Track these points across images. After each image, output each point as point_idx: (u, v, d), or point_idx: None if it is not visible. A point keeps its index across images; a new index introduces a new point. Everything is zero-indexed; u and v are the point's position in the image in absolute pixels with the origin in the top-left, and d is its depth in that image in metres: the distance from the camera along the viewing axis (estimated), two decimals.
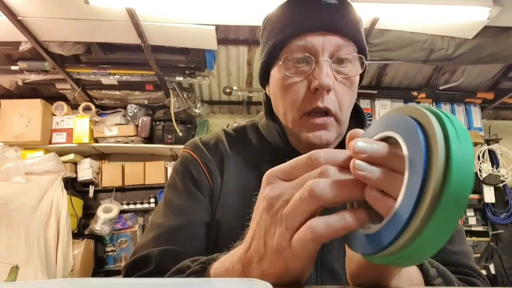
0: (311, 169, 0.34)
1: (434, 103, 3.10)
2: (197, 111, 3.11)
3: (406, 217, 0.28)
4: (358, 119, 0.74)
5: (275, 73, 0.68)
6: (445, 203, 0.26)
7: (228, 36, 2.47)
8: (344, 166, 0.33)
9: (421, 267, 0.48)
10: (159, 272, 0.58)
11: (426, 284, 0.47)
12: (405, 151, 0.30)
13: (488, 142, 3.23)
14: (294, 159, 0.36)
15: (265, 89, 0.76)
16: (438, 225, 0.27)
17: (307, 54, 0.63)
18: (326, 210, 0.33)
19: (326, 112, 0.63)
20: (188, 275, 0.48)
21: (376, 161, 0.31)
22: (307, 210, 0.32)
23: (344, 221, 0.31)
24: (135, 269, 0.61)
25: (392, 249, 0.29)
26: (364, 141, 0.32)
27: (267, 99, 0.75)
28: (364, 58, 0.67)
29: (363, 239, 0.33)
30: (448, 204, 0.26)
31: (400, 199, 0.29)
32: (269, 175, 0.37)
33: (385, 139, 0.34)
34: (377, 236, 0.31)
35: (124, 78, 2.66)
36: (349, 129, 0.71)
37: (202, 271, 0.47)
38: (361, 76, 0.70)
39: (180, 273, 0.52)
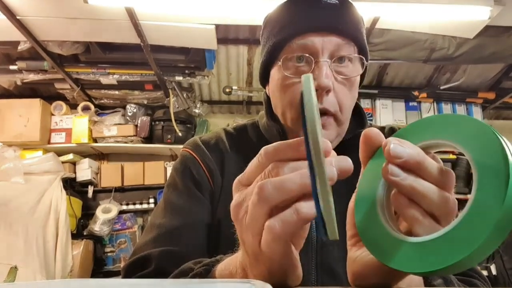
0: (264, 167, 0.34)
1: (435, 103, 3.09)
2: (196, 111, 3.11)
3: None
4: (359, 118, 0.74)
5: (275, 73, 0.67)
6: (498, 230, 0.27)
7: (228, 35, 2.46)
8: (292, 157, 0.33)
9: None
10: (159, 273, 0.57)
11: (426, 285, 0.46)
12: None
13: None
14: (251, 161, 0.35)
15: (265, 88, 0.76)
16: (484, 249, 0.27)
17: (307, 55, 0.62)
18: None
19: (325, 112, 0.63)
20: (192, 278, 0.47)
21: (410, 167, 0.31)
22: (262, 213, 0.32)
23: (298, 214, 0.30)
24: (134, 269, 0.61)
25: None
26: (400, 145, 0.31)
27: (268, 98, 0.75)
28: (364, 59, 0.66)
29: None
30: (501, 231, 0.27)
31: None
32: (235, 182, 0.37)
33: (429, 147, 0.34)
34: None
35: (123, 77, 2.65)
36: (349, 128, 0.71)
37: (206, 273, 0.46)
38: (362, 76, 0.70)
39: (183, 275, 0.51)
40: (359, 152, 0.37)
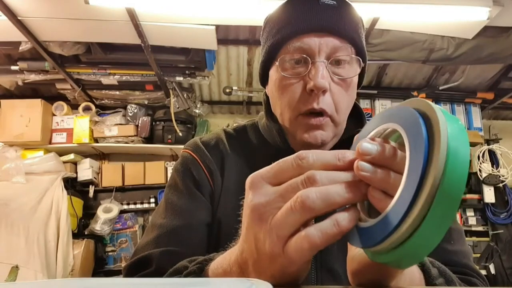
0: (298, 172, 0.33)
1: (434, 103, 3.09)
2: (197, 111, 3.11)
3: (403, 211, 0.28)
4: (357, 119, 0.74)
5: (273, 73, 0.68)
6: (441, 198, 0.26)
7: (228, 36, 2.47)
8: (332, 167, 0.33)
9: (423, 267, 0.48)
10: (159, 273, 0.57)
11: (427, 284, 0.46)
12: (406, 143, 0.30)
13: (488, 142, 3.23)
14: (281, 160, 0.35)
15: (265, 88, 0.76)
16: (434, 221, 0.27)
17: (304, 55, 0.63)
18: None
19: (321, 113, 0.63)
20: (186, 276, 0.48)
21: (380, 162, 0.32)
22: (299, 221, 0.32)
23: (338, 226, 0.31)
24: (135, 270, 0.61)
25: (387, 244, 0.29)
26: (369, 143, 0.32)
27: (267, 99, 0.75)
28: (361, 60, 0.66)
29: (360, 232, 0.33)
30: (444, 199, 0.27)
31: (398, 192, 0.29)
32: (254, 178, 0.35)
33: (389, 135, 0.34)
34: (373, 230, 0.31)
35: (124, 78, 2.66)
36: (347, 129, 0.71)
37: (200, 271, 0.46)
38: (361, 77, 0.70)
39: (178, 273, 0.51)
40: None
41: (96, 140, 2.99)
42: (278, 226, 0.33)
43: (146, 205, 3.02)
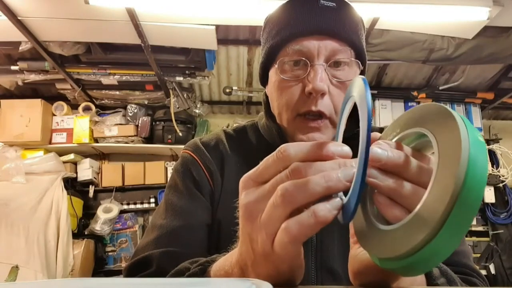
0: (282, 166, 0.33)
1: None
2: (197, 111, 3.11)
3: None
4: (357, 119, 0.74)
5: (272, 75, 0.68)
6: (460, 207, 0.26)
7: (228, 36, 2.47)
8: (314, 158, 0.33)
9: None
10: (160, 274, 0.58)
11: (428, 284, 0.46)
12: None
13: (488, 142, 3.22)
14: (265, 158, 0.35)
15: (265, 88, 0.76)
16: (451, 230, 0.27)
17: (303, 58, 0.62)
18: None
19: (320, 115, 0.63)
20: (187, 277, 0.48)
21: (390, 169, 0.31)
22: (283, 215, 0.32)
23: (315, 217, 0.30)
24: (136, 270, 0.61)
25: (402, 253, 0.29)
26: (381, 148, 0.32)
27: (267, 99, 0.75)
28: (360, 63, 0.66)
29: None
30: (463, 208, 0.26)
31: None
32: (244, 179, 0.36)
33: (404, 138, 0.34)
34: (347, 206, 0.31)
35: (124, 78, 2.65)
36: (346, 130, 0.71)
37: (201, 273, 0.47)
38: None
39: (179, 274, 0.51)
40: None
41: (96, 140, 2.99)
42: (265, 223, 0.33)
43: (146, 205, 3.02)
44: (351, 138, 0.70)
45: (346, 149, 0.33)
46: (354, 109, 0.71)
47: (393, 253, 0.29)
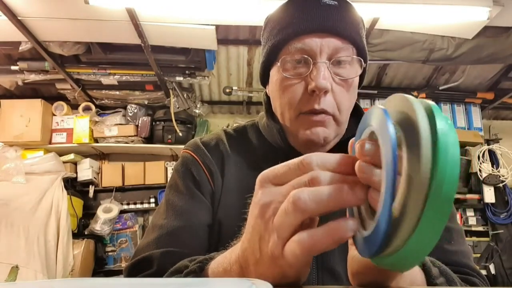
0: (303, 173, 0.33)
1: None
2: (197, 111, 3.11)
3: (390, 219, 0.27)
4: (358, 119, 0.74)
5: (274, 74, 0.68)
6: (433, 200, 0.25)
7: (228, 36, 2.46)
8: (337, 170, 0.33)
9: (424, 267, 0.48)
10: (160, 274, 0.57)
11: (428, 284, 0.46)
12: (381, 147, 0.29)
13: (488, 142, 3.22)
14: (287, 162, 0.35)
15: (266, 88, 0.76)
16: (429, 223, 0.26)
17: (305, 56, 0.62)
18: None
19: (323, 113, 0.63)
20: (186, 275, 0.48)
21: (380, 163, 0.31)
22: (294, 222, 0.32)
23: (333, 234, 0.30)
24: (136, 271, 0.61)
25: (386, 251, 0.29)
26: (369, 143, 0.31)
27: (268, 98, 0.75)
28: (363, 60, 0.66)
29: (362, 242, 0.32)
30: (437, 204, 0.25)
31: (381, 200, 0.29)
32: (262, 178, 0.36)
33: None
34: (370, 239, 0.30)
35: (124, 78, 2.65)
36: (349, 129, 0.71)
37: (200, 271, 0.47)
38: (362, 77, 0.70)
39: (178, 272, 0.51)
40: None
41: (96, 140, 2.99)
42: (277, 227, 0.33)
43: (146, 205, 3.02)
44: (351, 138, 0.70)
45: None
46: (356, 108, 0.71)
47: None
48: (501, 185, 3.05)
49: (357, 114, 0.73)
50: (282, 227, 0.32)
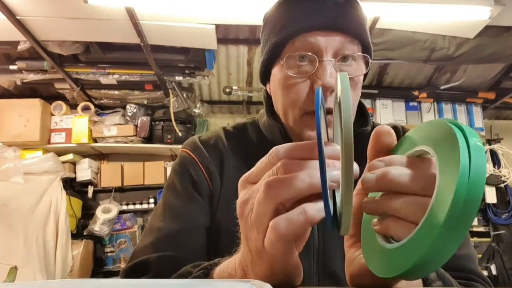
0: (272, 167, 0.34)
1: (435, 103, 3.09)
2: (196, 111, 3.11)
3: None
4: (362, 117, 0.72)
5: (277, 72, 0.66)
6: (454, 221, 0.26)
7: (228, 35, 2.46)
8: (303, 158, 0.33)
9: None
10: (158, 278, 0.57)
11: (425, 285, 0.45)
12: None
13: (489, 142, 3.22)
14: (260, 160, 0.36)
15: (266, 86, 0.74)
16: (445, 244, 0.27)
17: (310, 53, 0.61)
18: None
19: (329, 112, 0.61)
20: None
21: (380, 189, 0.31)
22: (268, 210, 0.32)
23: (305, 215, 0.30)
24: (133, 275, 0.60)
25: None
26: (369, 174, 0.32)
27: (268, 96, 0.74)
28: (368, 57, 0.65)
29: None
30: (458, 222, 0.26)
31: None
32: (242, 180, 0.37)
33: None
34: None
35: (123, 77, 2.65)
36: (353, 128, 0.70)
37: (204, 277, 0.46)
38: (364, 74, 0.69)
39: (182, 278, 0.51)
40: (368, 147, 0.37)
41: (95, 140, 2.98)
42: (254, 220, 0.33)
43: (145, 206, 3.01)
44: (355, 137, 0.69)
45: (337, 148, 0.33)
46: (359, 107, 0.70)
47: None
48: (502, 185, 3.04)
49: (361, 112, 0.72)
50: (258, 219, 0.33)
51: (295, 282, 0.37)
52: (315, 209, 0.30)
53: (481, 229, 3.07)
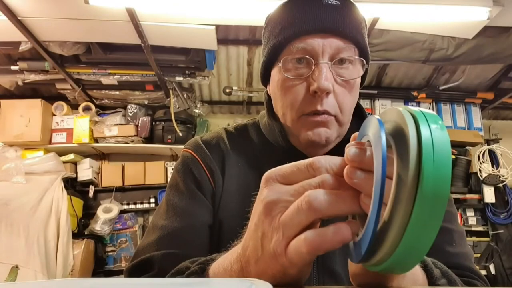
0: (311, 176, 0.34)
1: (434, 103, 3.10)
2: (197, 111, 3.11)
3: (377, 224, 0.28)
4: (360, 119, 0.73)
5: (275, 74, 0.67)
6: (421, 204, 0.25)
7: (228, 36, 2.46)
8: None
9: (425, 268, 0.48)
10: (161, 276, 0.57)
11: (430, 285, 0.46)
12: (374, 154, 0.30)
13: (488, 142, 3.22)
14: (295, 163, 0.35)
15: (266, 87, 0.76)
16: (418, 228, 0.26)
17: (307, 56, 0.62)
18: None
19: (325, 114, 0.63)
20: (187, 276, 0.48)
21: (370, 167, 0.31)
22: (305, 221, 0.32)
23: (340, 235, 0.31)
24: (137, 273, 0.61)
25: (377, 257, 0.29)
26: (357, 148, 0.32)
27: (269, 98, 0.75)
28: (365, 61, 0.66)
29: (352, 247, 0.33)
30: (425, 204, 0.25)
31: (371, 206, 0.29)
32: (268, 176, 0.36)
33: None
34: (359, 245, 0.31)
35: (124, 78, 2.65)
36: (351, 129, 0.71)
37: (201, 272, 0.46)
38: (363, 77, 0.70)
39: (180, 274, 0.51)
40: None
41: (96, 140, 2.98)
42: (284, 224, 0.33)
43: (146, 205, 3.02)
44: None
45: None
46: (357, 109, 0.71)
47: (369, 262, 0.31)
48: (501, 185, 3.05)
49: (359, 114, 0.73)
50: (290, 225, 0.32)
51: (300, 282, 0.38)
52: (350, 231, 0.31)
53: (480, 228, 3.08)
